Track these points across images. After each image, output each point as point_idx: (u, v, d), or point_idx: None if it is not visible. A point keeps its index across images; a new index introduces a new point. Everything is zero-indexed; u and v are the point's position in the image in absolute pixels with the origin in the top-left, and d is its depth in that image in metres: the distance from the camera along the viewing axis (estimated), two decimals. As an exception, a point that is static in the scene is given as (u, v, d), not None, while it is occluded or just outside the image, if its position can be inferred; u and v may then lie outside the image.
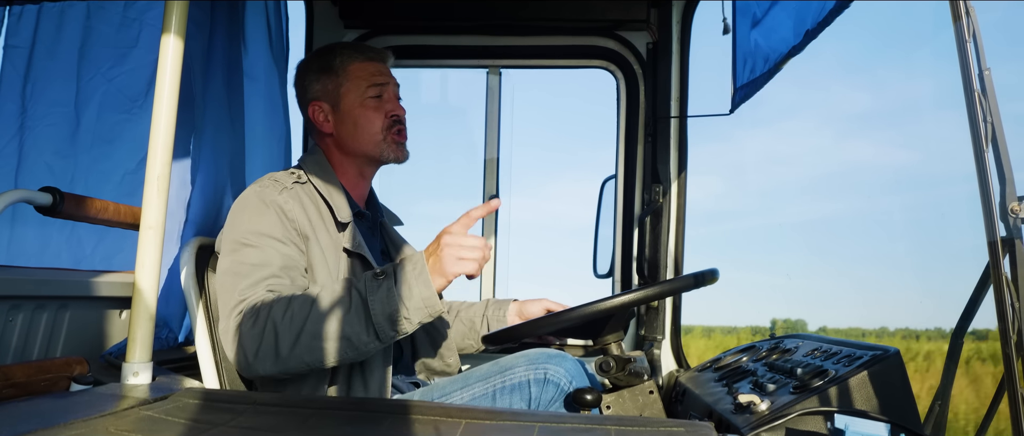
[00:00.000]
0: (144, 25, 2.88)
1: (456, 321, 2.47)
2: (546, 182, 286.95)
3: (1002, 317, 1.25)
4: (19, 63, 2.92)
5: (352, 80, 2.17)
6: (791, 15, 2.20)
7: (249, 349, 1.76)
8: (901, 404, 1.70)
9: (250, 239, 1.92)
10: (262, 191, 2.00)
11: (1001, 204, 1.26)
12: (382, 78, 2.20)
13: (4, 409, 1.28)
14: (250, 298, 1.81)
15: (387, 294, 1.72)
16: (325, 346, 1.73)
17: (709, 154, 11.68)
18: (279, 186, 2.01)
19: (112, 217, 2.09)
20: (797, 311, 71.14)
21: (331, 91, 2.18)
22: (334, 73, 2.18)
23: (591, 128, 42.45)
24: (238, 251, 1.92)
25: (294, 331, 1.73)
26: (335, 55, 2.20)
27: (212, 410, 1.30)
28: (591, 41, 3.11)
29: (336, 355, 1.75)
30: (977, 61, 1.27)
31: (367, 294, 1.73)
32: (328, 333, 1.73)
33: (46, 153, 2.87)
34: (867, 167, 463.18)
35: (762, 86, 2.46)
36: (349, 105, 2.17)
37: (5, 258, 2.80)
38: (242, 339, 1.77)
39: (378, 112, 2.17)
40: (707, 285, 1.91)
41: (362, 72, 2.18)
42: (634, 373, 1.92)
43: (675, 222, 3.03)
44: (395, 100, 2.22)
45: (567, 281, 2.80)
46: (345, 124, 2.18)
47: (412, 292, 1.73)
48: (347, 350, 1.75)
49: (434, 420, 1.25)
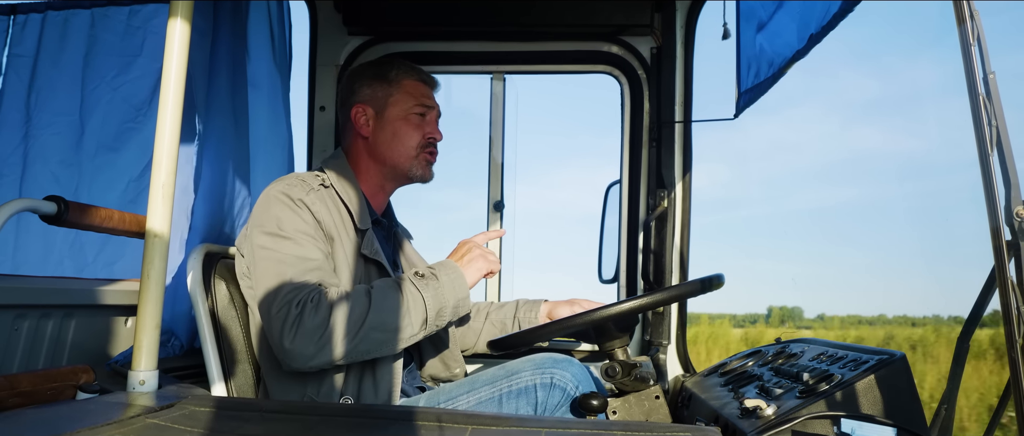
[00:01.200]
0: (148, 33, 2.89)
1: (486, 323, 2.51)
2: (550, 170, 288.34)
3: (1007, 320, 1.24)
4: (23, 73, 2.93)
5: (403, 93, 2.26)
6: (795, 19, 2.20)
7: (312, 339, 1.82)
8: (907, 408, 1.69)
9: (287, 232, 1.95)
10: (290, 189, 2.02)
11: (1006, 207, 1.25)
12: (430, 102, 2.30)
13: (10, 418, 1.29)
14: (308, 288, 1.86)
15: (436, 293, 1.92)
16: (380, 337, 1.87)
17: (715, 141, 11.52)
18: (306, 186, 2.05)
19: (117, 225, 2.10)
20: (795, 299, 70.99)
21: (380, 97, 2.25)
22: (387, 82, 2.26)
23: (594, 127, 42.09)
24: (277, 242, 1.95)
25: (356, 324, 1.84)
26: (392, 67, 2.29)
27: (219, 418, 1.30)
28: (595, 46, 3.11)
29: (385, 346, 1.90)
30: (982, 64, 1.26)
31: (423, 292, 1.91)
32: (386, 326, 1.87)
33: (52, 162, 2.88)
34: (874, 155, 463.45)
35: (767, 90, 2.46)
36: (393, 115, 2.24)
37: (10, 267, 2.81)
38: (304, 329, 1.81)
39: (418, 129, 2.25)
40: (714, 290, 1.91)
41: (414, 90, 2.27)
42: (640, 378, 1.92)
43: (680, 227, 3.03)
44: (435, 125, 2.31)
45: (573, 268, 2.80)
46: (384, 131, 2.23)
47: (455, 292, 1.97)
48: (393, 341, 1.90)
49: (440, 426, 1.24)
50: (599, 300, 2.40)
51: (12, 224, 2.80)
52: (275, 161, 2.71)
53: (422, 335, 1.94)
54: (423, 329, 1.93)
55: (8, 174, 2.91)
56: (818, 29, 2.05)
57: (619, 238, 3.16)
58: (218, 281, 2.09)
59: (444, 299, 1.94)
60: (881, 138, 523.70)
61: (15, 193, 2.89)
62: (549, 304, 2.45)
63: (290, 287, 1.86)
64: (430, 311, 1.91)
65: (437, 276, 1.96)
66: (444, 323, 1.98)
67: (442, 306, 1.93)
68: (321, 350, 1.82)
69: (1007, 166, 1.25)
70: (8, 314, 1.93)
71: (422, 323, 1.91)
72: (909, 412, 1.68)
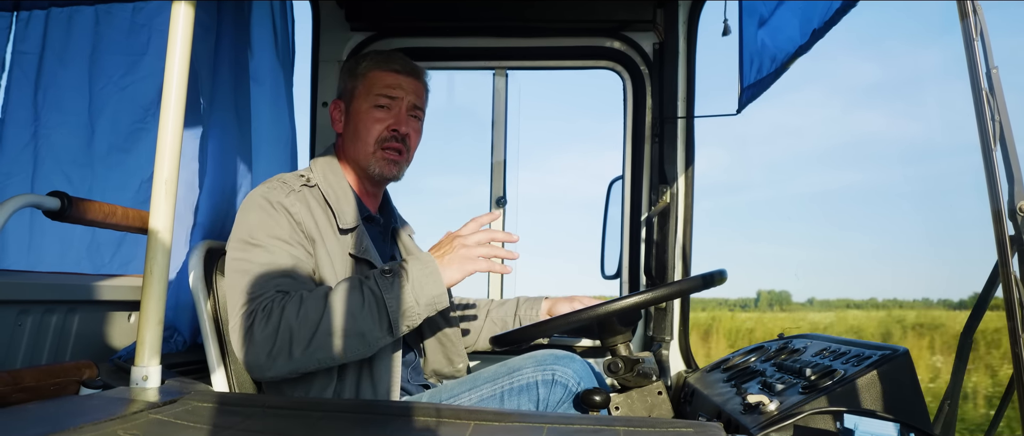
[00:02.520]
0: (153, 31, 2.89)
1: (487, 321, 2.49)
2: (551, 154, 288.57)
3: (1011, 315, 1.24)
4: (29, 70, 2.93)
5: (366, 85, 2.17)
6: (798, 15, 2.20)
7: (263, 350, 1.77)
8: (910, 403, 1.69)
9: (258, 239, 1.92)
10: (269, 192, 2.00)
11: (1009, 202, 1.25)
12: (395, 92, 2.17)
13: (14, 413, 1.29)
14: (260, 299, 1.82)
15: (400, 291, 1.80)
16: (339, 343, 1.77)
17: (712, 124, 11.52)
18: (286, 188, 2.01)
19: (120, 221, 2.10)
20: (784, 282, 71.12)
21: (348, 91, 2.21)
22: (355, 75, 2.20)
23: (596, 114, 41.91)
24: (246, 251, 1.92)
25: (309, 331, 1.76)
26: (364, 59, 2.22)
27: (222, 413, 1.30)
28: (597, 42, 3.11)
29: (349, 352, 1.80)
30: (984, 59, 1.26)
31: (383, 292, 1.79)
32: (342, 330, 1.77)
33: (63, 162, 2.88)
34: (872, 140, 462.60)
35: (769, 85, 2.46)
36: (357, 108, 2.18)
37: (25, 264, 2.82)
38: (255, 340, 1.78)
39: (380, 122, 2.15)
40: (716, 285, 1.91)
41: (378, 80, 2.17)
42: (642, 374, 1.92)
43: (683, 222, 3.02)
44: (402, 116, 2.17)
45: (574, 255, 2.81)
46: (350, 126, 2.19)
47: (424, 289, 1.83)
48: (360, 346, 1.80)
49: (443, 422, 1.25)
50: (599, 296, 2.39)
51: (28, 224, 2.82)
52: (278, 157, 2.71)
53: (390, 338, 1.84)
54: (389, 333, 1.82)
55: (18, 172, 2.91)
56: (821, 24, 2.05)
57: (621, 234, 3.16)
58: (220, 277, 2.09)
59: (411, 298, 1.81)
60: (881, 122, 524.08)
61: (26, 191, 2.89)
62: (550, 301, 2.44)
63: (246, 298, 1.83)
64: (392, 313, 1.80)
65: (407, 272, 1.84)
66: (417, 322, 1.86)
67: (408, 306, 1.81)
68: (273, 361, 1.77)
69: (1010, 161, 1.25)
70: (12, 310, 1.94)
71: (386, 327, 1.81)
72: (912, 407, 1.68)
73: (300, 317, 1.77)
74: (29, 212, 2.10)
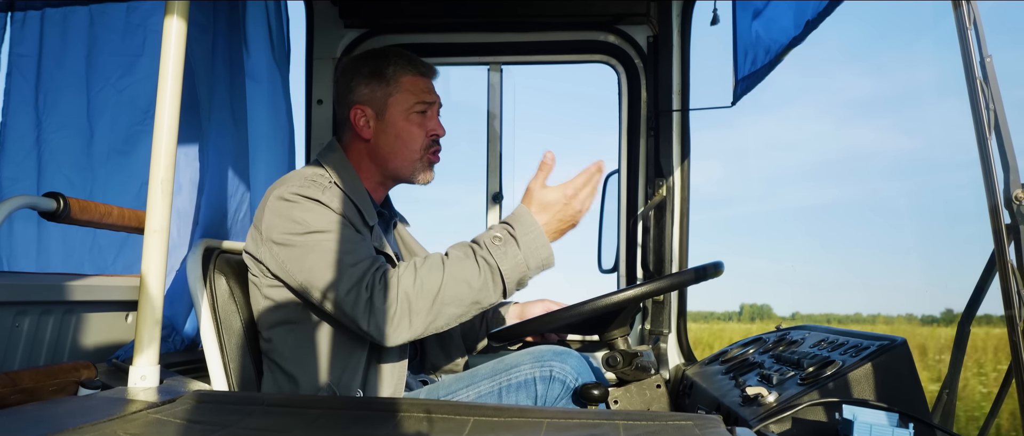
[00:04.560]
0: (148, 31, 2.88)
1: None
2: None
3: (1008, 304, 1.24)
4: (28, 72, 2.93)
5: (403, 92, 2.15)
6: (791, 6, 2.20)
7: (384, 318, 1.80)
8: (909, 393, 1.70)
9: (320, 226, 1.90)
10: (305, 188, 1.96)
11: (1005, 191, 1.25)
12: (431, 96, 2.19)
13: (13, 414, 1.29)
14: (368, 272, 1.84)
15: (514, 257, 1.83)
16: (456, 310, 1.84)
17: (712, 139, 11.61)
18: (319, 185, 1.98)
19: (117, 221, 2.10)
20: (766, 296, 71.42)
21: (379, 98, 2.15)
22: (385, 81, 2.15)
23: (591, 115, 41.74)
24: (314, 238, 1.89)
25: (428, 300, 1.81)
26: (389, 63, 2.17)
27: (221, 411, 1.30)
28: (592, 36, 3.11)
29: (465, 317, 1.87)
30: (978, 48, 1.26)
31: (498, 261, 1.82)
32: (459, 298, 1.82)
33: (65, 166, 2.88)
34: (860, 155, 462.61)
35: (763, 77, 2.46)
36: (394, 116, 2.14)
37: (32, 267, 2.82)
38: (375, 310, 1.81)
39: (421, 129, 2.16)
40: (711, 278, 1.91)
41: (413, 86, 2.16)
42: (641, 367, 1.93)
43: (679, 215, 3.03)
44: (437, 119, 2.21)
45: (572, 267, 2.78)
46: (387, 134, 2.15)
47: (535, 253, 1.86)
48: (472, 310, 1.86)
49: (442, 418, 1.25)
50: (576, 296, 2.38)
51: (31, 226, 2.82)
52: (276, 155, 2.70)
53: (506, 299, 1.91)
54: (503, 296, 1.88)
55: (23, 178, 2.91)
56: (814, 16, 2.05)
57: (618, 227, 3.17)
58: (218, 276, 2.08)
59: (523, 264, 1.84)
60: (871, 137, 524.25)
61: (31, 193, 2.88)
62: (519, 305, 2.42)
63: (351, 272, 1.84)
64: (508, 280, 1.84)
65: (516, 239, 1.85)
66: (527, 284, 1.91)
67: (522, 271, 1.85)
68: (398, 327, 1.81)
69: (1005, 150, 1.25)
70: (9, 311, 1.93)
71: (500, 292, 1.86)
72: (910, 397, 1.69)
73: (417, 286, 1.81)
74: (34, 216, 2.11)
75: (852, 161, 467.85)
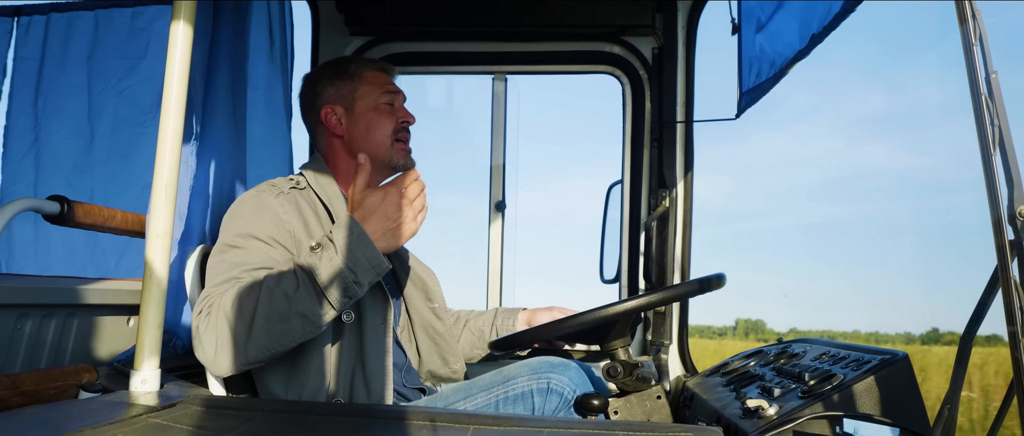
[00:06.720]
0: (152, 35, 2.89)
1: (465, 331, 2.48)
2: (555, 178, 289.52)
3: (1011, 321, 1.24)
4: (30, 76, 2.94)
5: (368, 85, 2.24)
6: (796, 19, 2.20)
7: (208, 345, 1.74)
8: (910, 408, 1.69)
9: (236, 241, 1.91)
10: (258, 195, 2.00)
11: (1009, 207, 1.25)
12: (394, 88, 2.28)
13: (14, 417, 1.29)
14: (208, 299, 1.79)
15: (330, 263, 1.71)
16: (281, 327, 1.71)
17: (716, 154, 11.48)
18: (275, 190, 2.02)
19: (120, 225, 2.10)
20: (760, 312, 71.29)
21: (346, 95, 2.23)
22: (350, 78, 2.24)
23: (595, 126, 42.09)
24: (223, 253, 1.90)
25: (247, 319, 1.71)
26: (350, 62, 2.28)
27: (220, 417, 1.30)
28: (596, 46, 3.12)
29: (295, 334, 1.73)
30: (984, 64, 1.26)
31: (312, 268, 1.71)
32: (281, 314, 1.70)
33: (65, 168, 2.89)
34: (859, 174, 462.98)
35: (768, 90, 2.46)
36: (363, 108, 2.22)
37: (33, 269, 2.82)
38: (200, 337, 1.75)
39: (390, 117, 2.22)
40: (714, 290, 1.91)
41: (377, 79, 2.26)
42: (641, 378, 1.92)
43: (681, 227, 3.03)
44: (404, 109, 2.28)
45: (574, 277, 2.78)
46: (358, 126, 2.21)
47: (356, 256, 1.73)
48: (305, 326, 1.72)
49: (441, 426, 1.25)
50: (579, 306, 2.38)
51: (33, 228, 2.82)
52: (274, 163, 2.70)
53: (334, 312, 1.74)
54: (331, 308, 1.72)
55: (21, 180, 2.92)
56: (820, 29, 2.05)
57: (620, 238, 3.17)
58: (219, 281, 2.08)
59: (342, 271, 1.71)
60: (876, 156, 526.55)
61: (28, 196, 2.88)
62: (528, 312, 2.44)
63: (200, 299, 1.81)
64: (328, 287, 1.70)
65: (334, 243, 1.74)
66: (360, 292, 1.75)
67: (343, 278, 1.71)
68: (219, 354, 1.73)
69: (1010, 165, 1.25)
70: (11, 314, 1.93)
71: (325, 303, 1.71)
72: (911, 412, 1.68)
73: (235, 307, 1.72)
74: (35, 218, 2.11)
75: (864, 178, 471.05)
